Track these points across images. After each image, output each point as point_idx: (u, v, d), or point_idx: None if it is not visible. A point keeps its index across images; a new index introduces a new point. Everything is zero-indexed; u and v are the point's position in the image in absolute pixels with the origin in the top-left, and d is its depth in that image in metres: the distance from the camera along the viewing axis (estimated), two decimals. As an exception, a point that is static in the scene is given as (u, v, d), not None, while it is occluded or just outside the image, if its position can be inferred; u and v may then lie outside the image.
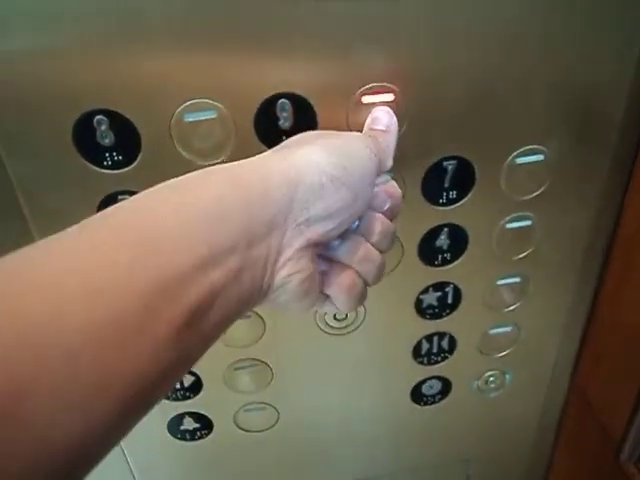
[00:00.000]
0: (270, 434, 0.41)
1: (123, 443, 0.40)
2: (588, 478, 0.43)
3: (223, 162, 0.28)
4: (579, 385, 0.41)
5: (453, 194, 0.32)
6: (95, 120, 0.26)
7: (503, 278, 0.36)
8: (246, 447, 0.42)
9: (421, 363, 0.39)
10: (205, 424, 0.40)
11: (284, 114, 0.27)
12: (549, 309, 0.38)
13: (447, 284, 0.35)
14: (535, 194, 0.32)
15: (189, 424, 0.40)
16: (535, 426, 0.45)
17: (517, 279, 0.36)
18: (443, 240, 0.33)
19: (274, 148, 0.24)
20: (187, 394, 0.38)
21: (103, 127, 0.26)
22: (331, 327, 0.36)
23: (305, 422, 0.41)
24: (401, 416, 0.42)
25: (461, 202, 0.32)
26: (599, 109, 0.31)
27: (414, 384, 0.40)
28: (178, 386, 0.37)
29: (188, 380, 0.37)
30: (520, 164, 0.31)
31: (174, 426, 0.40)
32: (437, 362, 0.39)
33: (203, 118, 0.27)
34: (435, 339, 0.38)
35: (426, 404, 0.42)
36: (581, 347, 0.40)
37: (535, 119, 0.30)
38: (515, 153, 0.31)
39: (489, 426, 0.45)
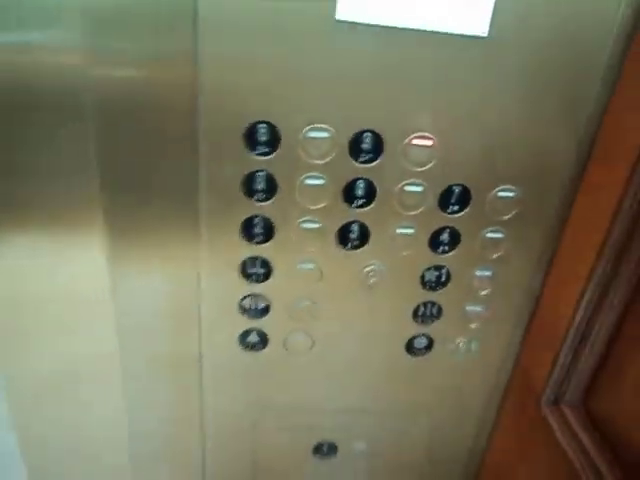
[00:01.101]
0: (307, 356, 0.59)
1: (202, 352, 0.58)
2: (520, 426, 0.61)
3: (325, 163, 0.47)
4: (520, 356, 0.60)
5: (456, 208, 0.51)
6: (258, 127, 0.46)
7: (481, 270, 0.55)
8: (286, 363, 0.60)
9: (416, 322, 0.57)
10: (263, 341, 0.58)
11: (366, 140, 0.47)
12: (510, 297, 0.57)
13: (443, 267, 0.54)
14: (507, 217, 0.51)
15: (253, 338, 0.58)
16: (488, 385, 0.63)
17: (489, 272, 0.55)
18: (445, 237, 0.52)
19: None
20: (257, 314, 0.56)
21: (262, 131, 0.46)
22: (364, 284, 0.54)
23: (332, 353, 0.59)
24: (394, 360, 0.60)
25: (460, 214, 0.51)
26: (550, 167, 0.50)
27: (409, 337, 0.59)
28: (252, 307, 0.55)
29: (261, 304, 0.55)
30: (499, 197, 0.50)
31: (242, 338, 0.58)
32: (427, 323, 0.58)
33: (319, 136, 0.46)
34: (429, 305, 0.56)
35: (415, 354, 0.60)
36: (527, 329, 0.59)
37: (509, 170, 0.49)
38: (496, 189, 0.50)
39: (452, 382, 0.63)
